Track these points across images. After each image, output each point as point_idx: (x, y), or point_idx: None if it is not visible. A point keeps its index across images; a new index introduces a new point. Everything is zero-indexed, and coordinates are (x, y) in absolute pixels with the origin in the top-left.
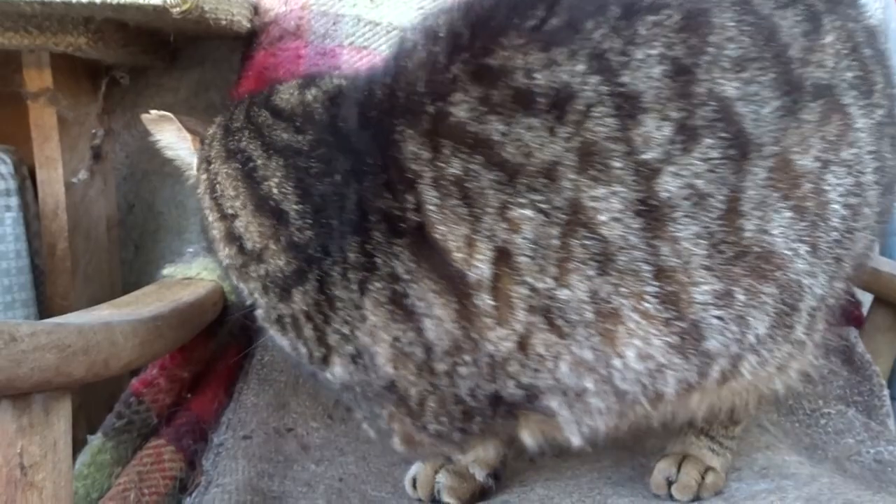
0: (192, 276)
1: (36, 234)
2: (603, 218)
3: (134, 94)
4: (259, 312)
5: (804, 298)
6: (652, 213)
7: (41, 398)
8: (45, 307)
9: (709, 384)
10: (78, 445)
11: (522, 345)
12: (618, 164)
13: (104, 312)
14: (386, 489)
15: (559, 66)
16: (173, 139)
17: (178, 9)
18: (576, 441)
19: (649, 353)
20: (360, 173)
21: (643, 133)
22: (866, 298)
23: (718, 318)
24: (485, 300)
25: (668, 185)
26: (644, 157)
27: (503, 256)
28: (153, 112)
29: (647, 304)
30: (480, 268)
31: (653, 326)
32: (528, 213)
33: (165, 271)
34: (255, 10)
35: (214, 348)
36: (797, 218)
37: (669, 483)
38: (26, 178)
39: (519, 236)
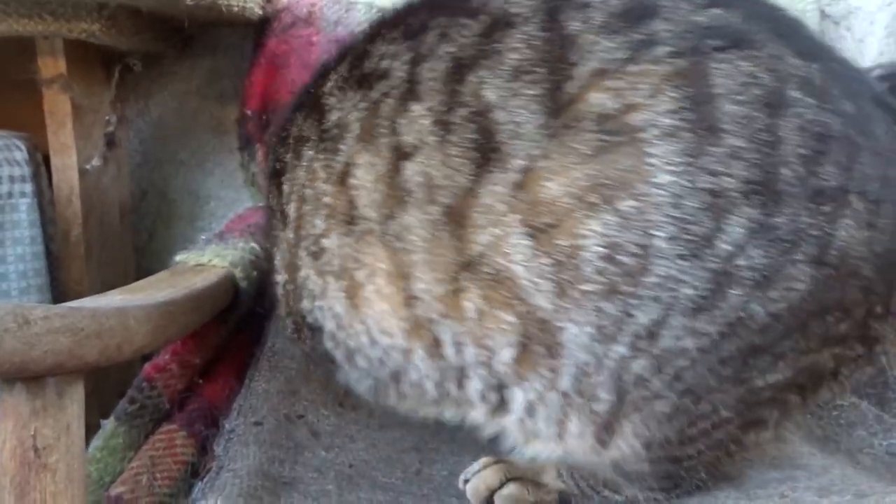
0: (204, 262)
1: (50, 221)
2: (355, 182)
3: (147, 82)
4: None
5: (564, 344)
6: (392, 192)
7: (54, 381)
8: (59, 293)
9: (479, 405)
10: (90, 430)
11: (305, 274)
12: (384, 140)
13: (117, 297)
14: (396, 475)
15: (398, 57)
16: None
17: None
18: (360, 389)
19: (388, 329)
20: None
21: (408, 117)
22: None
23: (449, 327)
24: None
25: (410, 170)
26: (401, 139)
27: (299, 202)
28: None
29: (379, 280)
30: (289, 209)
31: (385, 303)
32: (317, 167)
33: (178, 258)
34: None
35: (226, 335)
36: (538, 251)
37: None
38: (40, 164)
39: (307, 188)
